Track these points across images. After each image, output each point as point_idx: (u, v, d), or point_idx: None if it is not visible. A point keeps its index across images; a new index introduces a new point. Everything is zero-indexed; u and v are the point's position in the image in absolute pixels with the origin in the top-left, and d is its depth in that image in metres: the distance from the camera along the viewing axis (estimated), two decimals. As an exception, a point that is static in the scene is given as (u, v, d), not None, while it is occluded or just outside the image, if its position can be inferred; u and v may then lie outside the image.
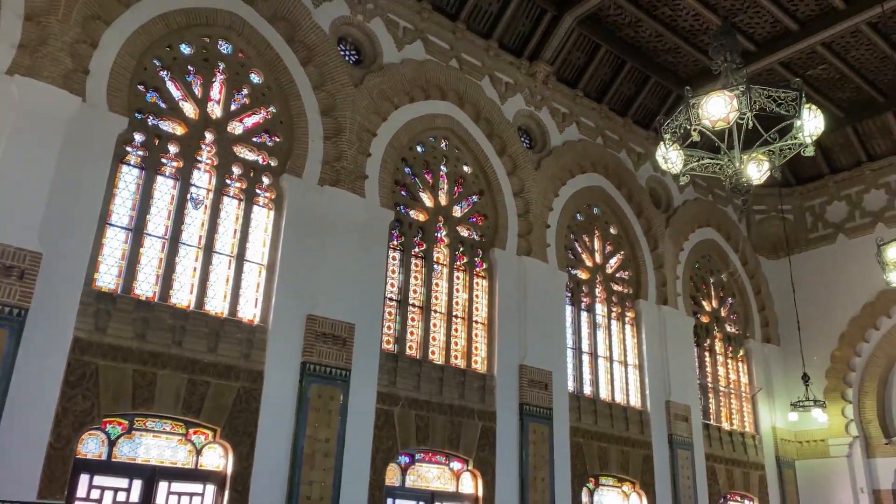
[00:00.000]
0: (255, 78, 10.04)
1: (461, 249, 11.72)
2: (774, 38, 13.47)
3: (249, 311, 9.13)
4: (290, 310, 9.21)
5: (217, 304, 8.91)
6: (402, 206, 11.20)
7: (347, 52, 11.26)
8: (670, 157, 6.36)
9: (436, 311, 11.07)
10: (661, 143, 6.39)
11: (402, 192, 11.31)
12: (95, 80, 8.36)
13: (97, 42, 8.47)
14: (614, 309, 13.77)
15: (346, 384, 9.35)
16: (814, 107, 6.05)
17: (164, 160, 8.93)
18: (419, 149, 11.71)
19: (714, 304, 16.01)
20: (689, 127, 5.90)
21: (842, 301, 15.94)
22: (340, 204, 10.06)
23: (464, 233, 11.83)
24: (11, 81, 7.74)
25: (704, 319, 15.59)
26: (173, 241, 8.74)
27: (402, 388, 10.09)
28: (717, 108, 5.63)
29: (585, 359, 12.92)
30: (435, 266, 11.32)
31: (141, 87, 8.96)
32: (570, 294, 13.08)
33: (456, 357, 11.07)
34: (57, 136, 7.83)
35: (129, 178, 8.60)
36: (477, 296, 11.70)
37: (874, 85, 14.88)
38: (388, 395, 9.90)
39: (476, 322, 11.50)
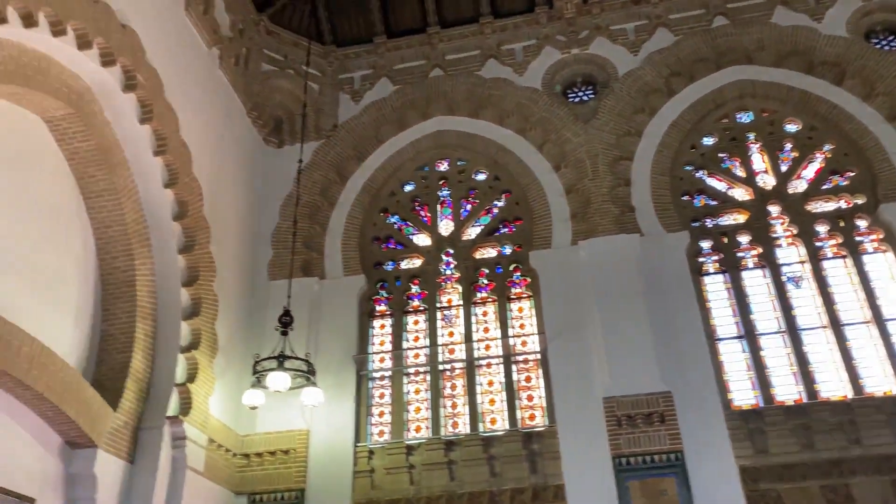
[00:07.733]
0: (791, 127, 8.85)
1: None
2: None
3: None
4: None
5: (874, 383, 7.20)
6: None
7: (883, 43, 9.16)
8: None
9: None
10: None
11: None
12: (641, 212, 8.39)
13: (629, 180, 8.63)
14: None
15: None
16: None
17: (739, 254, 8.20)
18: None
19: None
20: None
21: None
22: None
23: None
24: (578, 249, 8.25)
25: None
26: (791, 330, 7.62)
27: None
28: None
29: None
30: None
31: (685, 198, 8.67)
32: None
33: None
34: (636, 276, 7.85)
35: (714, 287, 8.06)
36: None
37: None
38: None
39: None
